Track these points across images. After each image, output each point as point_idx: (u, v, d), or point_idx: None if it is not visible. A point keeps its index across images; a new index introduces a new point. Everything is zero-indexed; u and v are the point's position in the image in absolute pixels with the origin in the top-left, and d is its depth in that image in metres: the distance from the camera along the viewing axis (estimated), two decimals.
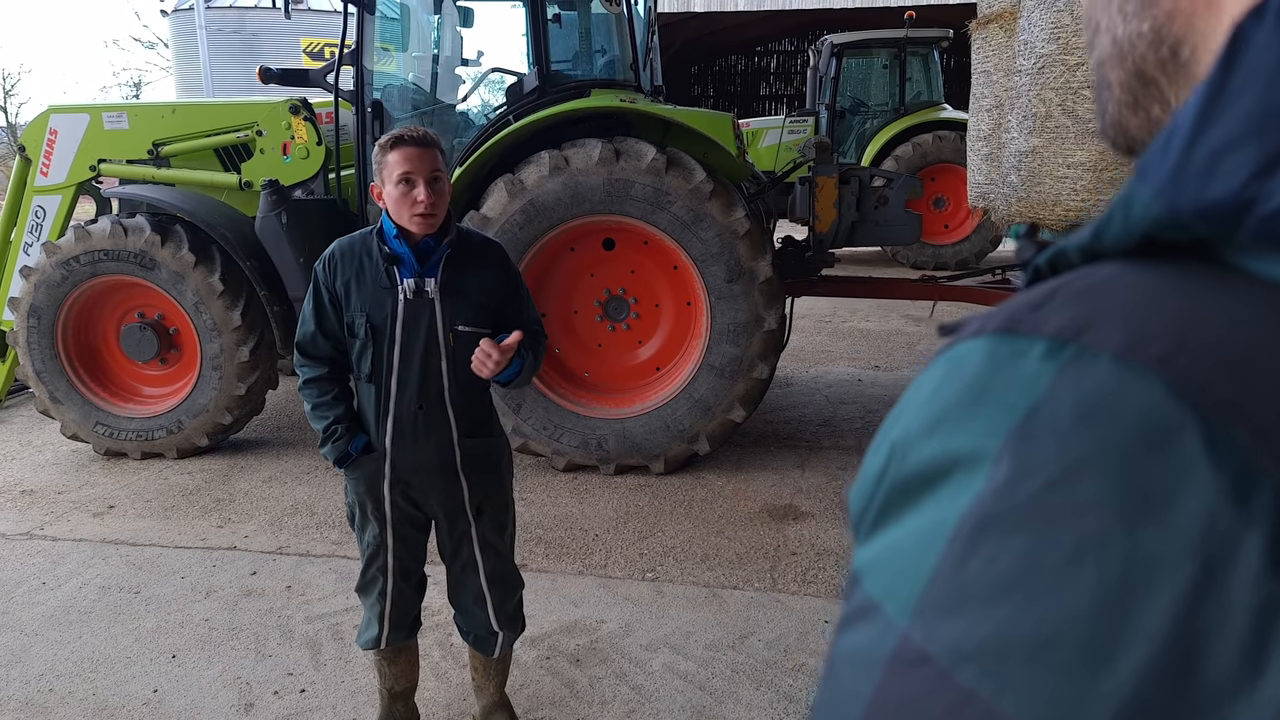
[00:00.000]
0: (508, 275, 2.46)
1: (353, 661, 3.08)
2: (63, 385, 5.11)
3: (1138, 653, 0.28)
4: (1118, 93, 0.45)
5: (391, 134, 2.26)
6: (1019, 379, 0.34)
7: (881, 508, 0.36)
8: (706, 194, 4.43)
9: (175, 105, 5.52)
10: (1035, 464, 0.32)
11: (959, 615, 0.31)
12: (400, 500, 2.44)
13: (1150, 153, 0.37)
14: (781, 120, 12.26)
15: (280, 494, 4.64)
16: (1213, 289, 0.34)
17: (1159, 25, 0.41)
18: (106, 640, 3.24)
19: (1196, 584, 0.29)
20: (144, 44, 37.93)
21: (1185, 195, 0.35)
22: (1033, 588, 0.30)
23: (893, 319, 8.83)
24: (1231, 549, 0.29)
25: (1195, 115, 0.35)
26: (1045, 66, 3.54)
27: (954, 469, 0.34)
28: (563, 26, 5.48)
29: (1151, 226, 0.37)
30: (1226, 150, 0.34)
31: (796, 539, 4.02)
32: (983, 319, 0.37)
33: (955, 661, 0.30)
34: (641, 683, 2.95)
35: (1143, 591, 0.29)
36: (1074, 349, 0.33)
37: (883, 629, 0.33)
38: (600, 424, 4.78)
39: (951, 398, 0.35)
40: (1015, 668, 0.29)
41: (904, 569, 0.34)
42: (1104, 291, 0.35)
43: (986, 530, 0.32)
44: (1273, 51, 0.34)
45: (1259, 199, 0.33)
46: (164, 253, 4.83)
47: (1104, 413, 0.31)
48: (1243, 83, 0.34)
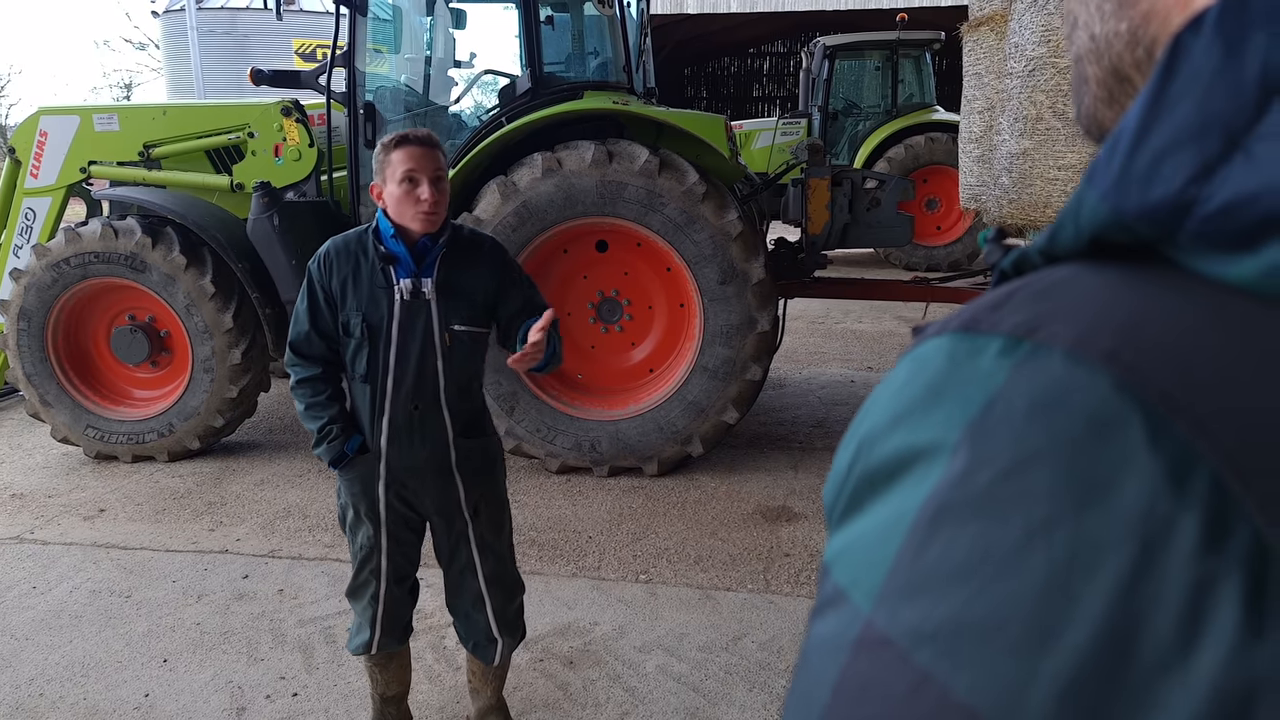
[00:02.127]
0: (505, 270, 2.44)
1: (345, 665, 3.07)
2: (53, 388, 5.08)
3: (1080, 631, 0.30)
4: (1094, 88, 0.47)
5: (395, 134, 2.27)
6: (977, 374, 0.35)
7: (850, 500, 0.38)
8: (699, 196, 4.44)
9: (166, 107, 5.49)
10: (990, 454, 0.33)
11: (918, 599, 0.32)
12: (395, 501, 2.43)
13: (1098, 158, 0.39)
14: (774, 122, 12.29)
15: (272, 497, 4.62)
16: (1159, 288, 0.36)
17: (1135, 26, 0.43)
18: (97, 644, 3.23)
19: (1135, 564, 0.30)
20: (135, 45, 37.73)
21: (1130, 198, 0.37)
22: (986, 572, 0.31)
23: (885, 320, 8.85)
24: (1168, 531, 0.30)
25: (1138, 121, 0.37)
26: (1036, 69, 3.56)
27: (915, 461, 0.35)
28: (555, 28, 5.49)
29: (1099, 229, 0.38)
30: (1167, 154, 0.36)
31: (790, 540, 4.02)
32: (945, 320, 0.39)
33: (914, 644, 0.32)
34: (635, 685, 2.95)
35: (1085, 573, 0.30)
36: (1029, 346, 0.35)
37: (850, 616, 0.34)
38: (593, 426, 4.78)
39: (914, 393, 0.37)
40: (969, 649, 0.31)
41: (869, 558, 0.35)
42: (1058, 292, 0.37)
43: (944, 518, 0.33)
44: (1209, 60, 0.35)
45: (1198, 200, 0.35)
46: (155, 255, 4.81)
47: (1055, 405, 0.33)
48: (1182, 90, 0.36)
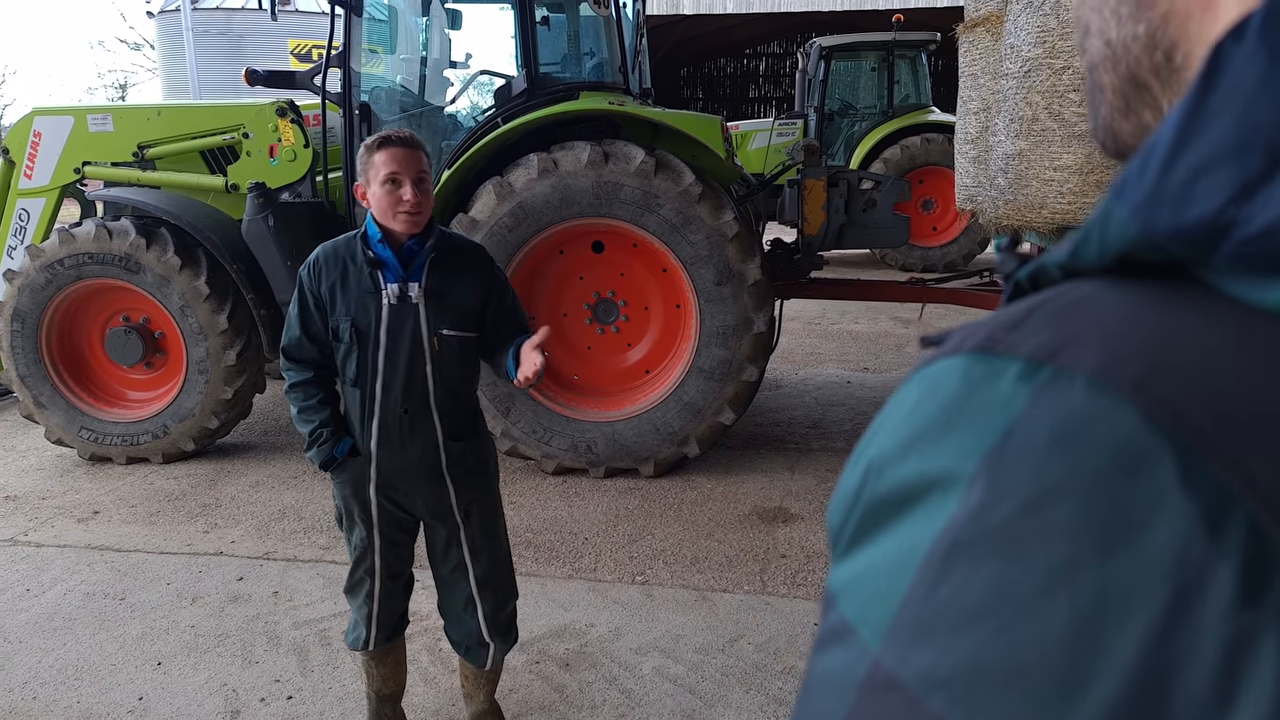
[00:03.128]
0: (492, 278, 2.46)
1: (340, 667, 3.06)
2: (47, 390, 5.06)
3: (1109, 683, 0.28)
4: (1110, 97, 0.45)
5: (378, 135, 2.29)
6: (995, 400, 0.33)
7: (858, 527, 0.36)
8: (695, 197, 4.43)
9: (161, 107, 5.47)
10: (1009, 488, 0.31)
11: (930, 641, 0.31)
12: (386, 503, 2.45)
13: (1128, 171, 0.37)
14: (770, 123, 12.29)
15: (267, 499, 4.61)
16: (1189, 311, 0.34)
17: (1153, 29, 0.41)
18: (91, 647, 3.21)
19: (1168, 614, 0.28)
20: (130, 45, 37.64)
21: (1162, 216, 0.34)
22: (1004, 615, 0.30)
23: (881, 321, 8.86)
24: (1203, 579, 0.28)
25: (1173, 134, 0.35)
26: (1031, 70, 3.56)
27: (929, 491, 0.33)
28: (551, 29, 5.48)
29: (1128, 246, 0.36)
30: (1205, 171, 0.33)
31: (786, 541, 4.02)
32: (960, 336, 0.37)
33: (926, 689, 0.30)
34: (631, 687, 2.94)
35: (1114, 621, 0.28)
36: (1049, 371, 0.33)
37: (857, 653, 0.33)
38: (589, 427, 4.77)
39: (927, 418, 0.35)
40: (985, 697, 0.29)
41: (878, 592, 0.33)
42: (1080, 312, 0.35)
43: (959, 555, 0.31)
44: (1253, 71, 0.33)
45: (1237, 222, 0.32)
46: (149, 256, 4.80)
47: (1079, 437, 0.31)
48: (1222, 102, 0.33)
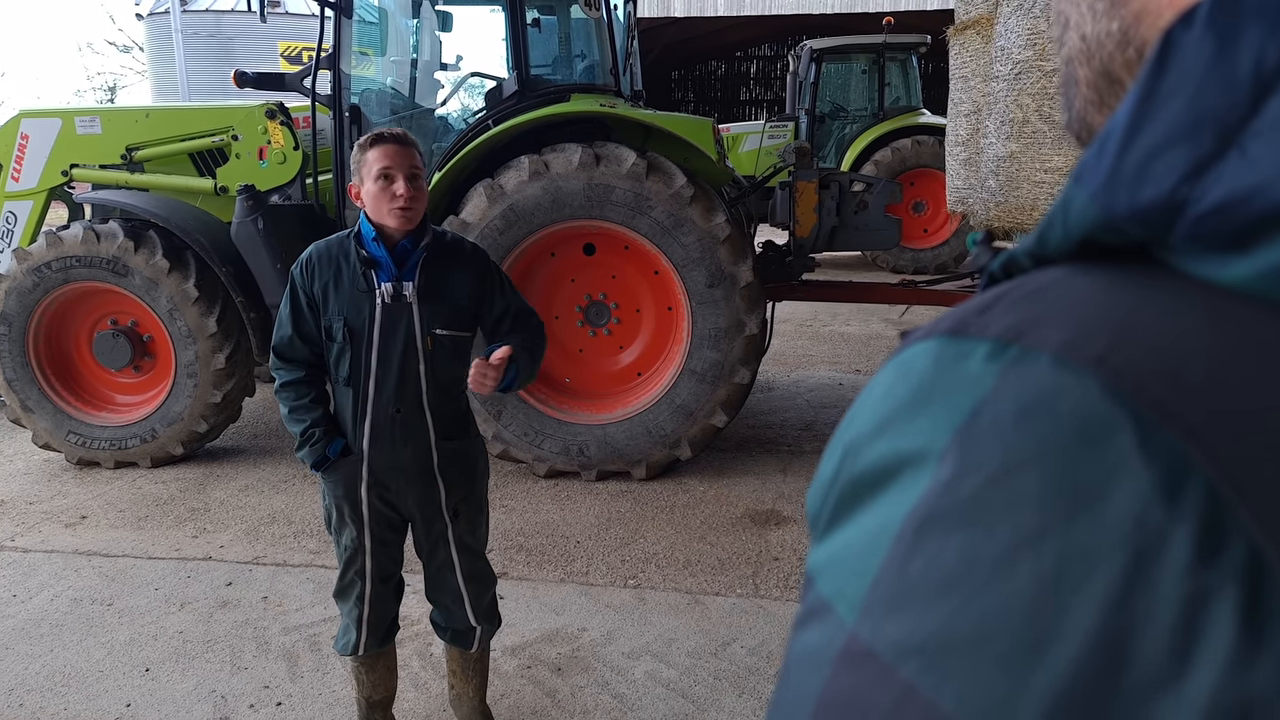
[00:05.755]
0: (486, 275, 2.47)
1: (330, 673, 3.04)
2: (34, 394, 5.02)
3: (1070, 644, 0.29)
4: (1084, 90, 0.46)
5: (371, 133, 2.31)
6: (964, 379, 0.34)
7: (835, 509, 0.37)
8: (687, 199, 4.43)
9: (149, 109, 5.44)
10: (978, 461, 0.32)
11: (903, 612, 0.31)
12: (377, 502, 2.44)
13: (1086, 156, 0.38)
14: (762, 125, 12.29)
15: (257, 503, 4.58)
16: (1153, 290, 0.35)
17: (1126, 26, 0.42)
18: (79, 653, 3.18)
19: (1126, 576, 0.29)
20: (119, 48, 37.40)
21: (1119, 199, 0.36)
22: (972, 583, 0.30)
23: (873, 323, 8.87)
24: (1161, 543, 0.29)
25: (1128, 119, 0.36)
26: (1022, 72, 3.57)
27: (902, 468, 0.34)
28: (542, 31, 5.47)
29: (1089, 230, 0.37)
30: (1159, 153, 0.35)
31: (779, 544, 4.01)
32: (932, 323, 0.38)
33: (898, 657, 0.31)
34: (624, 691, 2.93)
35: (1075, 584, 0.29)
36: (1016, 350, 0.34)
37: (833, 628, 0.33)
38: (581, 430, 4.76)
39: (900, 399, 0.36)
40: (954, 662, 0.30)
41: (854, 569, 0.34)
42: (1046, 295, 0.36)
43: (930, 527, 0.32)
44: (1201, 56, 0.34)
45: (1190, 200, 0.34)
46: (137, 259, 4.77)
47: (1043, 411, 0.32)
48: (1173, 86, 0.35)
